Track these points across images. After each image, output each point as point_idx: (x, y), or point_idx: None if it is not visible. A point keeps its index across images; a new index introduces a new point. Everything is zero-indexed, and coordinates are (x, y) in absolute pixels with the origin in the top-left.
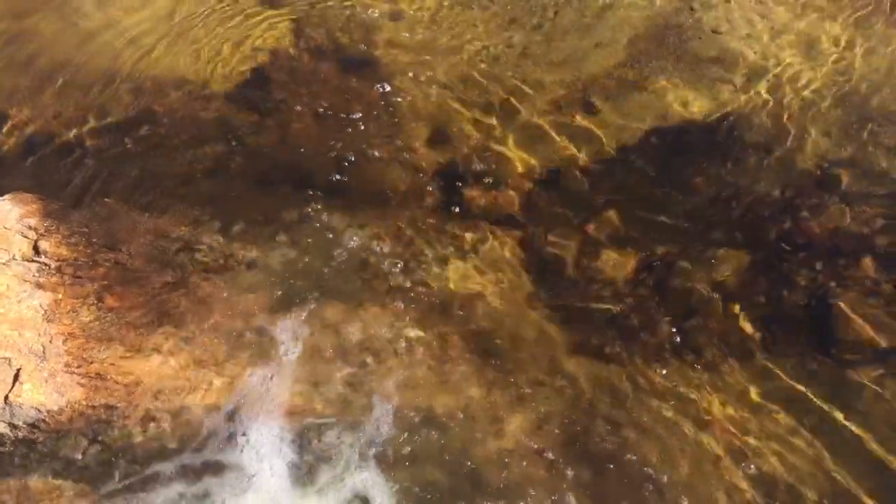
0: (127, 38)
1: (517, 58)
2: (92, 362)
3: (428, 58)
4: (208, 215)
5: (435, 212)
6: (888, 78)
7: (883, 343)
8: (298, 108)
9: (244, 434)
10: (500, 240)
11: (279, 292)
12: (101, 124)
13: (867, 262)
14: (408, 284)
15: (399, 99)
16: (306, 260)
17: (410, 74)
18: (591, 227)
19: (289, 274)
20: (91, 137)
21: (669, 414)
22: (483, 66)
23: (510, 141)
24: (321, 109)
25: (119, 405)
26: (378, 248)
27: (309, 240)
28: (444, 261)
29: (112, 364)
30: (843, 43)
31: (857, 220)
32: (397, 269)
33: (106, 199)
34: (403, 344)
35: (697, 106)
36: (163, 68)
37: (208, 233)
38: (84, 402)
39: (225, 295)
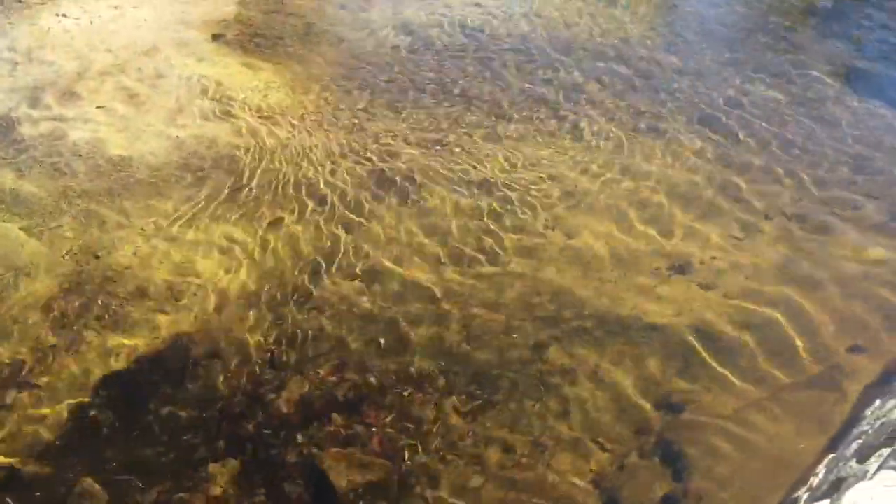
0: None
1: None
2: None
3: None
4: None
5: None
6: (296, 262)
7: (374, 478)
8: None
9: None
10: None
11: None
12: None
13: (335, 415)
14: None
15: None
16: None
17: None
18: None
19: None
20: None
21: None
22: None
23: None
24: None
25: None
26: None
27: None
28: None
29: None
30: (248, 243)
31: (314, 381)
32: None
33: None
34: None
35: (137, 341)
36: None
37: None
38: None
39: None
